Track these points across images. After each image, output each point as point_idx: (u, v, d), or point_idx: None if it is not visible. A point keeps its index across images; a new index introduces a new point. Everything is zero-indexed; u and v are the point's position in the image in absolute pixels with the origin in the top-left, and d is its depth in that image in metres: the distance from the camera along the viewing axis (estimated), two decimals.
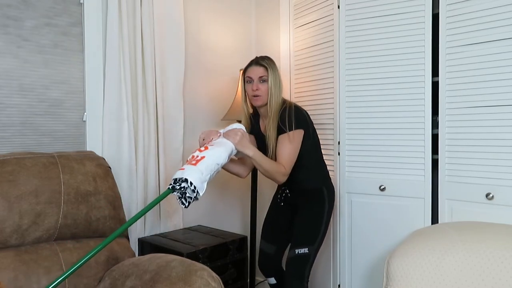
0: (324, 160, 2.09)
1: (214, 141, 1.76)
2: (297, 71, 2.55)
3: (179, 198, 1.56)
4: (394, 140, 2.08)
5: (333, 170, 2.27)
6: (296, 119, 1.89)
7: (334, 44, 2.25)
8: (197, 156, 1.65)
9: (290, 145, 1.87)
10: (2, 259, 1.54)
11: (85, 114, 2.13)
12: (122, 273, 1.62)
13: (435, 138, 1.98)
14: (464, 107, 1.88)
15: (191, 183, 1.53)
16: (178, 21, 2.40)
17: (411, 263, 1.56)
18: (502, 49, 1.76)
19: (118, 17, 2.12)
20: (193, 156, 1.66)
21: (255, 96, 1.93)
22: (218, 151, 1.69)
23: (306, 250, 1.91)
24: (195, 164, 1.60)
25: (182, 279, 1.43)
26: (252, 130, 2.07)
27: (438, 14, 1.93)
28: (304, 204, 2.01)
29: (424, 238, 1.66)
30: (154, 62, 2.28)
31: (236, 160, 2.03)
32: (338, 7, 2.22)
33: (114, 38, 2.11)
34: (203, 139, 1.81)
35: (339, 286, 2.31)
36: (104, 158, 1.95)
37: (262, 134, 2.04)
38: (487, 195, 1.80)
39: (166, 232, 2.37)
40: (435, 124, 1.98)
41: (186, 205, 1.57)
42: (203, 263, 1.88)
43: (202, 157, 1.63)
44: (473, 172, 1.86)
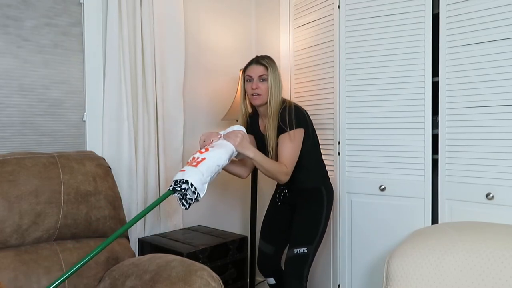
0: (323, 160, 2.09)
1: (214, 142, 1.76)
2: (297, 71, 2.55)
3: (180, 199, 1.56)
4: (394, 140, 2.08)
5: (333, 170, 2.27)
6: (296, 118, 1.89)
7: (334, 44, 2.25)
8: (197, 157, 1.64)
9: (291, 144, 1.87)
10: (2, 259, 1.54)
11: (85, 114, 2.13)
12: (122, 273, 1.62)
13: (435, 138, 1.98)
14: (464, 107, 1.88)
15: (192, 185, 1.52)
16: (178, 21, 2.40)
17: (411, 263, 1.56)
18: (502, 49, 1.76)
19: (118, 17, 2.12)
20: (193, 157, 1.66)
21: (255, 94, 1.93)
22: (218, 153, 1.69)
23: (304, 250, 1.91)
24: (196, 165, 1.59)
25: (182, 279, 1.43)
26: (251, 130, 2.07)
27: (438, 14, 1.93)
28: (302, 203, 2.01)
29: (424, 238, 1.66)
30: (154, 62, 2.28)
31: (236, 161, 2.03)
32: (338, 7, 2.22)
33: (114, 38, 2.11)
34: (204, 141, 1.81)
35: (339, 286, 2.31)
36: (104, 158, 1.95)
37: (261, 133, 2.04)
38: (487, 195, 1.80)
39: (166, 232, 2.37)
40: (435, 124, 1.98)
41: (187, 206, 1.57)
42: (203, 263, 1.88)
43: (203, 158, 1.63)
44: (473, 172, 1.86)
